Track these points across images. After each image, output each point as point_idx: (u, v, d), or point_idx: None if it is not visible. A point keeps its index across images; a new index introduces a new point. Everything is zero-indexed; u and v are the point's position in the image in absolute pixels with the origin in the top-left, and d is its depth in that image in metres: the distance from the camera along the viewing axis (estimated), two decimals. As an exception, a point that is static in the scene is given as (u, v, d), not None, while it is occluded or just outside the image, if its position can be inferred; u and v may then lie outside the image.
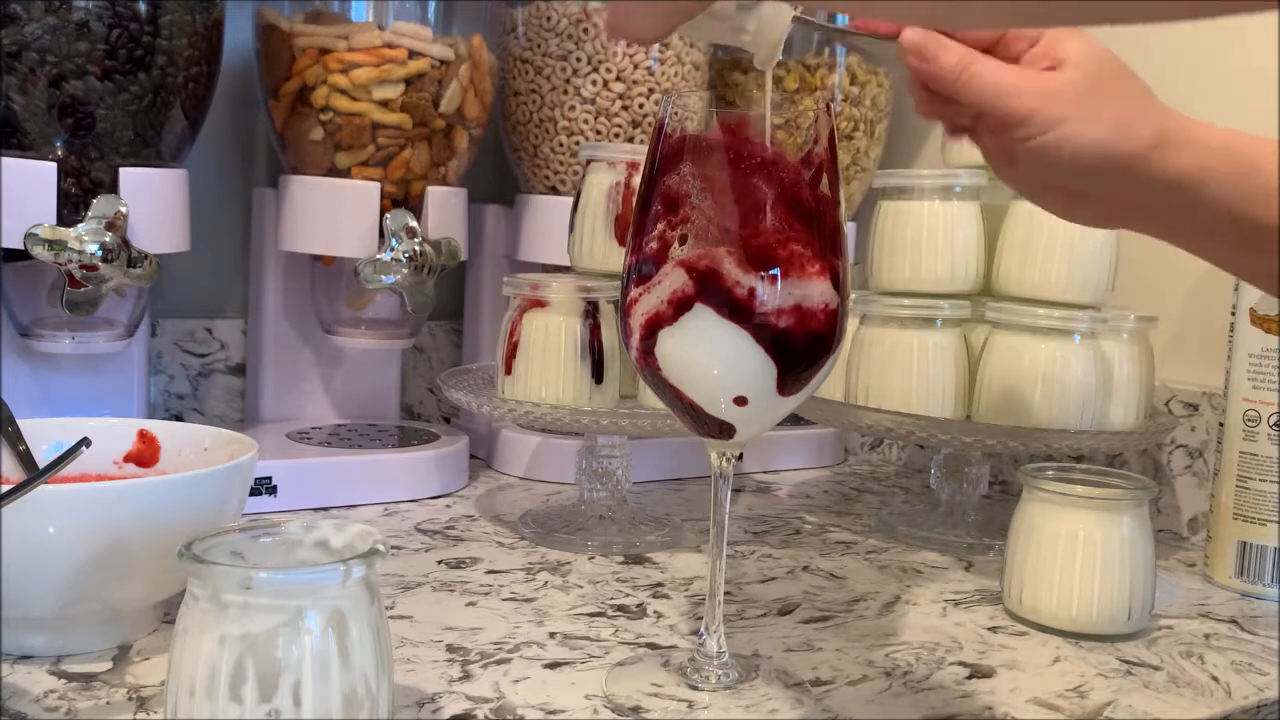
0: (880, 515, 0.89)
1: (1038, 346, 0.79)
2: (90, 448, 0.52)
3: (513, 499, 0.89)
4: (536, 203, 0.96)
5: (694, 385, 0.51)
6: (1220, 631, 0.69)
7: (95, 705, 0.49)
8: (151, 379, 0.93)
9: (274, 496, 0.81)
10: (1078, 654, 0.63)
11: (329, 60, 0.82)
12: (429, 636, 0.59)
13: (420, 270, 0.84)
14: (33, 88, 0.70)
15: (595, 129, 0.92)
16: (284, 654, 0.41)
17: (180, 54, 0.75)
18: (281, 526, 0.47)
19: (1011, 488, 1.00)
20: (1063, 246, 0.81)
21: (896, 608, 0.69)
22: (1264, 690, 0.60)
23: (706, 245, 0.49)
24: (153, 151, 0.76)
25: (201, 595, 0.42)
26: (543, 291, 0.78)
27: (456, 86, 0.85)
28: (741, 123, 0.50)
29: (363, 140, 0.83)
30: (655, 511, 0.87)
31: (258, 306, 0.94)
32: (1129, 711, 0.56)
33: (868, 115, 1.01)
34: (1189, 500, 0.89)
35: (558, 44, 0.92)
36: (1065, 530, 0.66)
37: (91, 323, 0.76)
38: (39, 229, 0.70)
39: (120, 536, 0.51)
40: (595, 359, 0.77)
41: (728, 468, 0.55)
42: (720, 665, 0.55)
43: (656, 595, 0.68)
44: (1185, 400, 0.89)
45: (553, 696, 0.53)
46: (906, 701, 0.55)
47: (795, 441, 1.06)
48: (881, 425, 0.81)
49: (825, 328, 0.50)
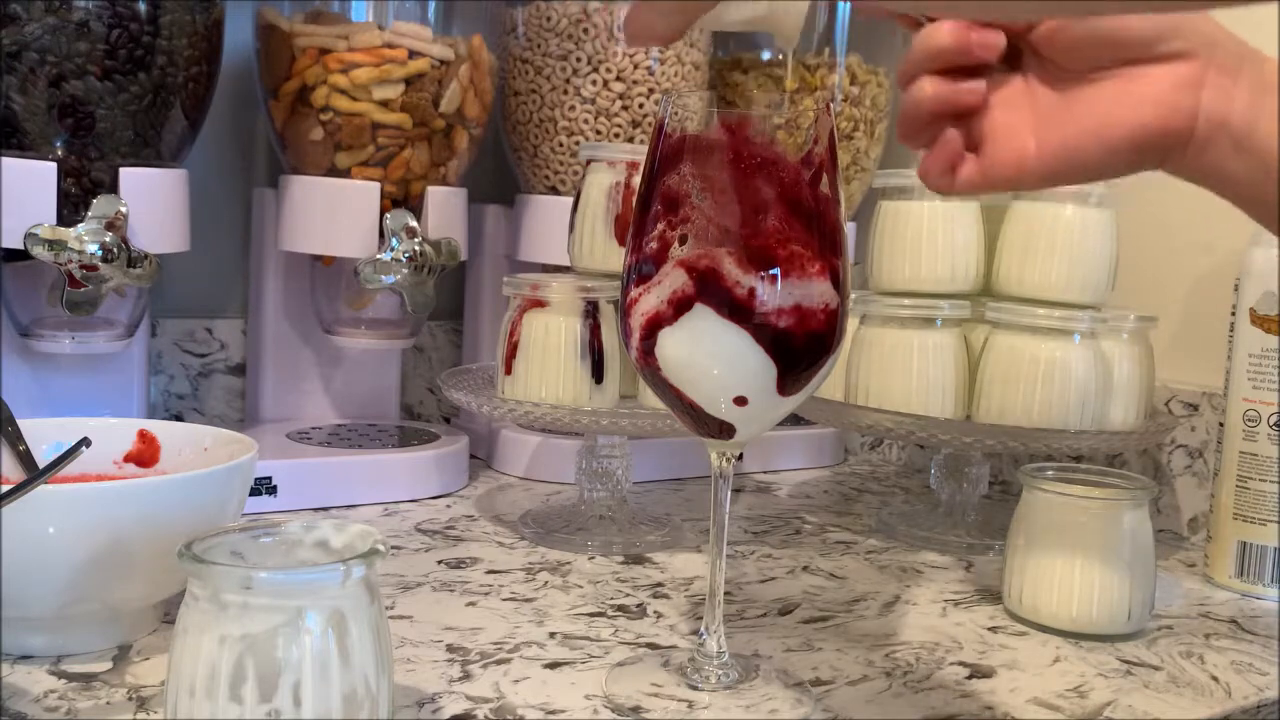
0: (880, 515, 0.89)
1: (1038, 346, 0.79)
2: (90, 448, 0.52)
3: (513, 499, 0.89)
4: (536, 203, 0.96)
5: (694, 385, 0.51)
6: (1220, 631, 0.69)
7: (95, 705, 0.49)
8: (151, 379, 0.93)
9: (274, 496, 0.81)
10: (1078, 654, 0.63)
11: (329, 60, 0.82)
12: (429, 636, 0.59)
13: (420, 270, 0.84)
14: (33, 88, 0.70)
15: (595, 129, 0.92)
16: (284, 654, 0.41)
17: (180, 54, 0.75)
18: (281, 526, 0.47)
19: (1011, 488, 1.00)
20: (1063, 246, 0.81)
21: (896, 608, 0.69)
22: (1264, 690, 0.60)
23: (706, 245, 0.49)
24: (153, 151, 0.76)
25: (201, 595, 0.42)
26: (543, 291, 0.78)
27: (456, 86, 0.85)
28: (741, 123, 0.50)
29: (363, 140, 0.83)
30: (655, 511, 0.87)
31: (258, 306, 0.94)
32: (1129, 711, 0.56)
33: (868, 115, 1.00)
34: (1189, 500, 0.89)
35: (558, 44, 0.92)
36: (1065, 530, 0.66)
37: (91, 323, 0.76)
38: (39, 229, 0.70)
39: (120, 536, 0.51)
40: (595, 359, 0.77)
41: (728, 468, 0.55)
42: (720, 665, 0.55)
43: (656, 595, 0.68)
44: (1185, 400, 0.89)
45: (553, 696, 0.53)
46: (906, 701, 0.55)
47: (795, 441, 1.06)
48: (881, 425, 0.81)
49: (825, 328, 0.50)
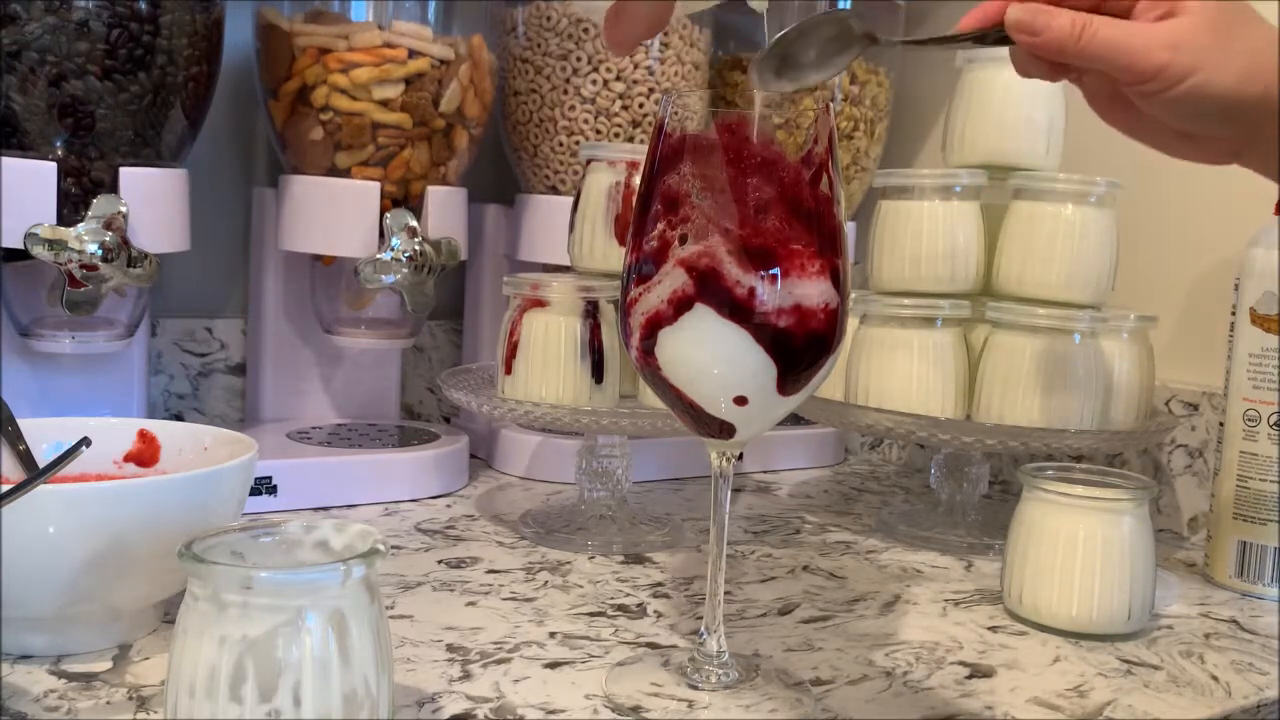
0: (880, 515, 0.89)
1: (1038, 346, 0.79)
2: (90, 447, 0.52)
3: (513, 499, 0.89)
4: (536, 203, 0.96)
5: (694, 385, 0.51)
6: (1220, 631, 0.69)
7: (95, 705, 0.49)
8: (151, 379, 0.93)
9: (274, 496, 0.81)
10: (1078, 654, 0.63)
11: (329, 60, 0.82)
12: (429, 636, 0.59)
13: (420, 270, 0.84)
14: (33, 88, 0.70)
15: (595, 129, 0.92)
16: (284, 654, 0.41)
17: (180, 54, 0.75)
18: (281, 526, 0.47)
19: (1011, 488, 1.00)
20: (1063, 246, 0.81)
21: (896, 608, 0.69)
22: (1264, 690, 0.60)
23: (706, 244, 0.49)
24: (153, 151, 0.76)
25: (201, 595, 0.42)
26: (543, 291, 0.78)
27: (456, 86, 0.85)
28: (741, 122, 0.50)
29: (363, 140, 0.83)
30: (655, 511, 0.87)
31: (258, 306, 0.94)
32: (1129, 711, 0.56)
33: (868, 115, 1.00)
34: (1189, 500, 0.89)
35: (558, 44, 0.92)
36: (1065, 530, 0.66)
37: (91, 323, 0.76)
38: (39, 229, 0.70)
39: (120, 536, 0.51)
40: (595, 359, 0.77)
41: (728, 467, 0.55)
42: (720, 665, 0.55)
43: (656, 595, 0.68)
44: (1185, 400, 0.89)
45: (553, 696, 0.53)
46: (906, 701, 0.55)
47: (795, 441, 1.06)
48: (881, 425, 0.81)
49: (825, 327, 0.50)
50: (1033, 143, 0.86)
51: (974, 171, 0.84)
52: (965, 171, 0.84)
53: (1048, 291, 0.81)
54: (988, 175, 0.85)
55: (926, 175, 0.85)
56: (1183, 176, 0.90)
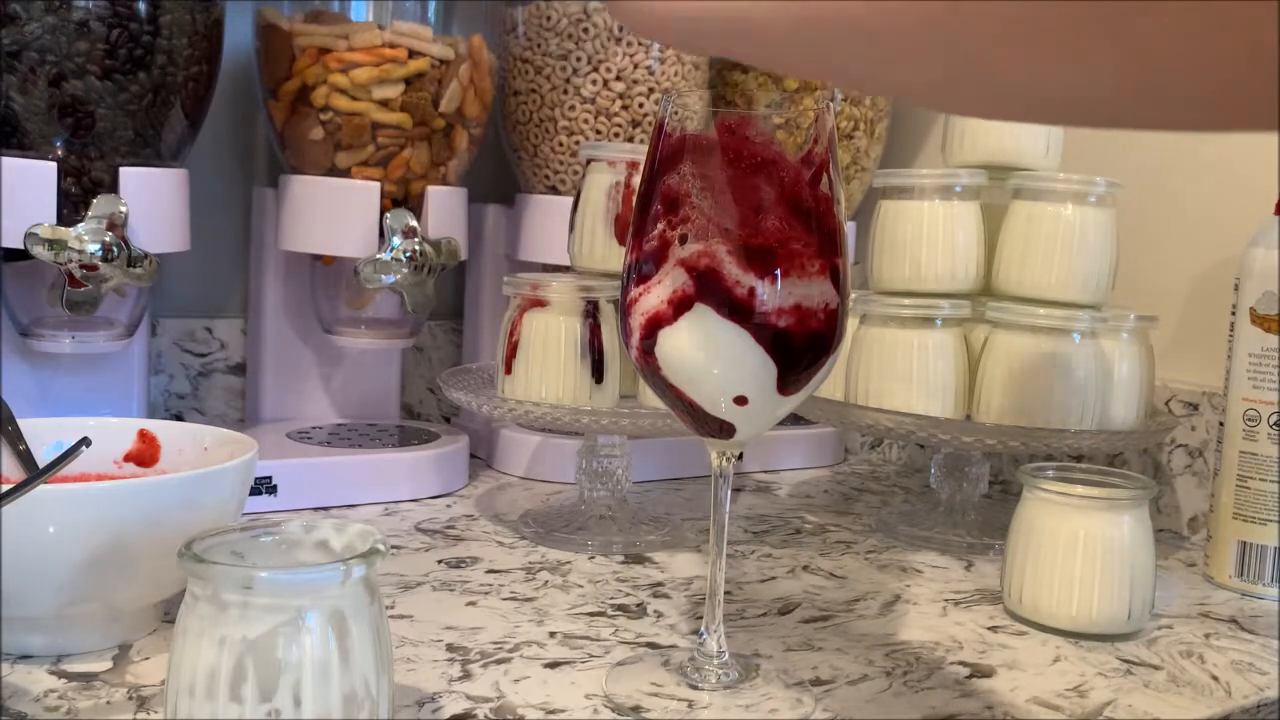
0: (880, 515, 0.89)
1: (1038, 346, 0.79)
2: (90, 447, 0.52)
3: (513, 499, 0.89)
4: (536, 202, 0.95)
5: (694, 385, 0.51)
6: (1220, 631, 0.69)
7: (95, 705, 0.49)
8: (151, 379, 0.93)
9: (274, 496, 0.81)
10: (1078, 654, 0.63)
11: (329, 60, 0.82)
12: (429, 636, 0.59)
13: (420, 270, 0.84)
14: (33, 87, 0.70)
15: (595, 129, 0.92)
16: (284, 654, 0.41)
17: (180, 54, 0.75)
18: (281, 526, 0.47)
19: (1011, 488, 1.00)
20: (1063, 246, 0.81)
21: (896, 607, 0.69)
22: (1264, 690, 0.60)
23: (706, 244, 0.49)
24: (153, 151, 0.76)
25: (201, 595, 0.42)
26: (543, 291, 0.78)
27: (456, 86, 0.85)
28: (741, 122, 0.50)
29: (363, 140, 0.83)
30: (655, 511, 0.87)
31: (258, 306, 0.94)
32: (1129, 711, 0.56)
33: (868, 115, 1.00)
34: (1189, 500, 0.89)
35: (558, 44, 0.92)
36: (1065, 530, 0.66)
37: (91, 322, 0.76)
38: (39, 229, 0.70)
39: (120, 536, 0.51)
40: (595, 359, 0.77)
41: (728, 467, 0.55)
42: (720, 665, 0.55)
43: (656, 595, 0.68)
44: (1185, 400, 0.89)
45: (553, 696, 0.53)
46: (906, 701, 0.55)
47: (795, 441, 1.06)
48: (881, 425, 0.81)
49: (825, 327, 0.50)
50: (1033, 142, 0.86)
51: (974, 171, 0.84)
52: (965, 171, 0.84)
53: (1048, 291, 0.81)
54: (988, 175, 0.85)
55: (926, 175, 0.85)
56: (1183, 176, 0.90)
